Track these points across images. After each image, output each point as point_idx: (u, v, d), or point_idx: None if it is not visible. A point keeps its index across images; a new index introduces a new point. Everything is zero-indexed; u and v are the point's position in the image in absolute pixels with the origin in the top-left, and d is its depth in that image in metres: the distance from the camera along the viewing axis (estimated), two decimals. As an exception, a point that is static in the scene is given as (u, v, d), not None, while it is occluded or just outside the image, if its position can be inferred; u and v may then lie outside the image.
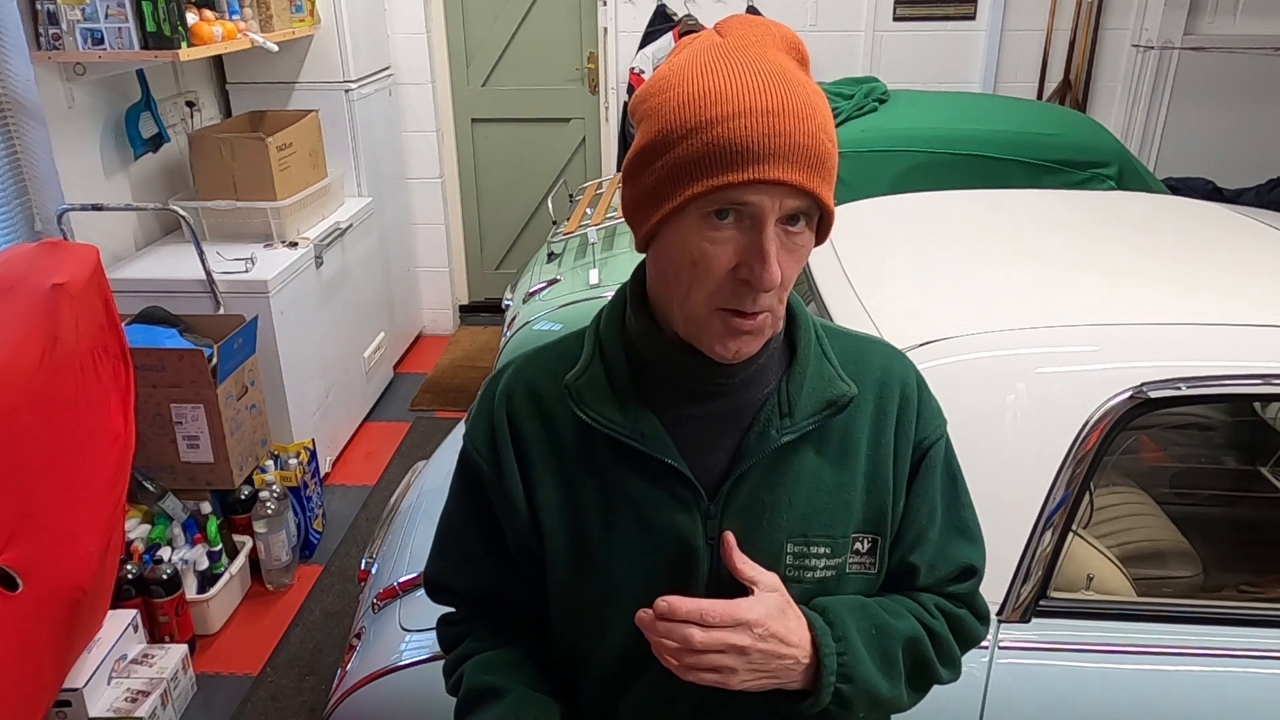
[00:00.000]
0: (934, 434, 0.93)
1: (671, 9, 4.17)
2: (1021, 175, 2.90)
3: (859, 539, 0.90)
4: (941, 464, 0.94)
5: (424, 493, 2.03)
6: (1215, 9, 4.02)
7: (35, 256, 2.13)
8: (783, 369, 0.88)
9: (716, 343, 0.80)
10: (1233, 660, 1.34)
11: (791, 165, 0.72)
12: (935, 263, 1.74)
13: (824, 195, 0.75)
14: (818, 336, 0.90)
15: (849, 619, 0.86)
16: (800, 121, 0.73)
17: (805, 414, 0.86)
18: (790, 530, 0.86)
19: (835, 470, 0.88)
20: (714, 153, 0.73)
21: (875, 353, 0.94)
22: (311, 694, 2.43)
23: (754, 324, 0.79)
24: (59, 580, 1.96)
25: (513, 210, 4.74)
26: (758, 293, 0.76)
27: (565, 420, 0.88)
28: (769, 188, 0.73)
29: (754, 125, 0.72)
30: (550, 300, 2.92)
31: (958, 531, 0.96)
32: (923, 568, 0.94)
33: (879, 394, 0.91)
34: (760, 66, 0.75)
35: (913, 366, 0.95)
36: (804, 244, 0.78)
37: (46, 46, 2.64)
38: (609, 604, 0.89)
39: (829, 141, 0.75)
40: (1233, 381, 1.34)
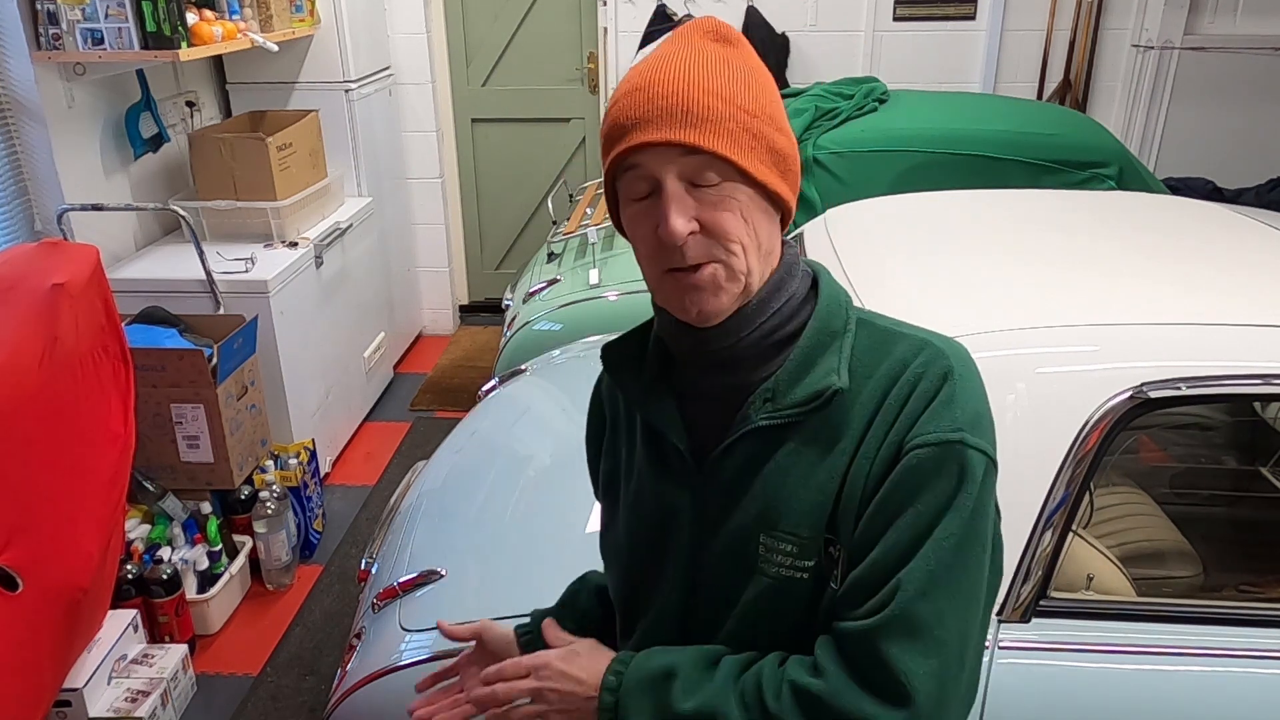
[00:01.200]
0: (924, 439, 0.79)
1: (671, 9, 4.16)
2: (1021, 175, 2.90)
3: (832, 544, 0.84)
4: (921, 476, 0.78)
5: (424, 493, 2.03)
6: (1215, 9, 4.02)
7: (35, 256, 2.13)
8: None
9: (676, 305, 0.85)
10: (1233, 660, 1.34)
11: (658, 126, 0.79)
12: (935, 263, 1.74)
13: (708, 144, 0.78)
14: (845, 328, 0.87)
15: (637, 687, 0.87)
16: (669, 87, 0.79)
17: (790, 402, 0.85)
18: (761, 520, 0.86)
19: (815, 467, 0.84)
20: (607, 135, 0.84)
21: (904, 347, 0.84)
22: (311, 694, 2.43)
23: (698, 279, 0.82)
24: (59, 580, 1.96)
25: (513, 210, 4.74)
26: (682, 248, 0.80)
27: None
28: (649, 151, 0.80)
29: (628, 102, 0.81)
30: (550, 300, 2.92)
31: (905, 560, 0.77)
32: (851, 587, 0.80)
33: (887, 389, 0.83)
34: (658, 54, 0.84)
35: (944, 364, 0.82)
36: (727, 195, 0.80)
37: (46, 46, 2.64)
38: (615, 558, 1.01)
39: (711, 98, 0.79)
40: (1233, 381, 1.34)
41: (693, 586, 0.92)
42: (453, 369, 4.34)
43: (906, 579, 0.77)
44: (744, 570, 0.87)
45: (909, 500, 0.79)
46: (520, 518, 1.81)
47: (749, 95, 0.81)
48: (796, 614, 0.86)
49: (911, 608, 0.77)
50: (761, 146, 0.81)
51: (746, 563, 0.87)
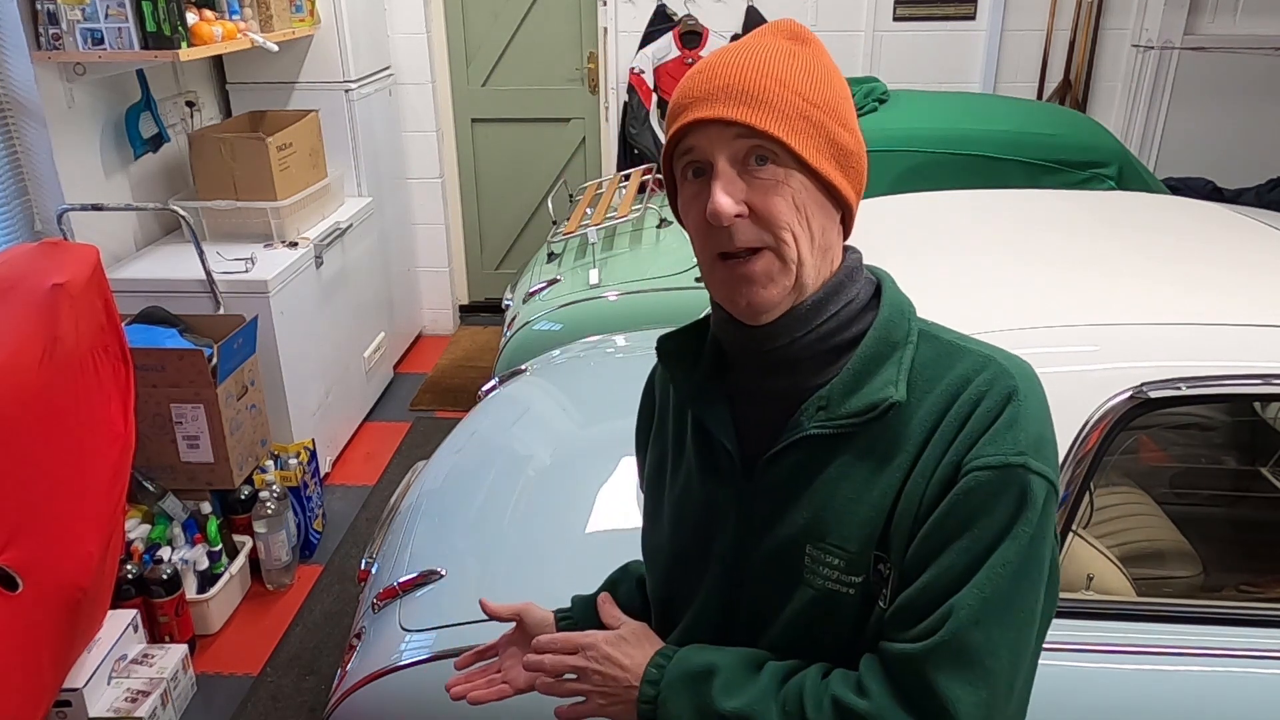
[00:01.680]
0: (984, 460, 0.76)
1: (671, 9, 4.17)
2: (1021, 175, 2.90)
3: (881, 561, 0.81)
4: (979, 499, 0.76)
5: (424, 493, 2.03)
6: (1215, 9, 4.02)
7: (35, 256, 2.13)
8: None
9: (727, 296, 0.83)
10: (1233, 660, 1.34)
11: (714, 103, 0.79)
12: (935, 263, 1.74)
13: (762, 125, 0.78)
14: (906, 340, 0.84)
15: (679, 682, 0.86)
16: (731, 68, 0.80)
17: (843, 412, 0.82)
18: (809, 530, 0.84)
19: (870, 480, 0.81)
20: (669, 118, 0.84)
21: (967, 363, 0.81)
22: (311, 694, 2.43)
23: (749, 269, 0.80)
24: (59, 580, 1.96)
25: (513, 210, 4.74)
26: (730, 229, 0.79)
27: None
28: (704, 129, 0.80)
29: (688, 82, 0.82)
30: (550, 300, 2.92)
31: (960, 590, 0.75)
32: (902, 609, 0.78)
33: (947, 406, 0.80)
34: (729, 46, 0.84)
35: (1009, 384, 0.79)
36: (779, 179, 0.79)
37: (46, 46, 2.64)
38: (657, 556, 1.00)
39: (774, 83, 0.79)
40: (1233, 381, 1.34)
41: (734, 592, 0.90)
42: (453, 369, 4.34)
43: (959, 605, 0.75)
44: (787, 580, 0.85)
45: (966, 524, 0.76)
46: (520, 518, 1.81)
47: (810, 85, 0.80)
48: (839, 628, 0.84)
49: (963, 635, 0.74)
50: (820, 136, 0.80)
51: (791, 572, 0.85)
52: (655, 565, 1.00)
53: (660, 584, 0.99)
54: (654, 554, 1.00)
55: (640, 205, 3.30)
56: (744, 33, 4.13)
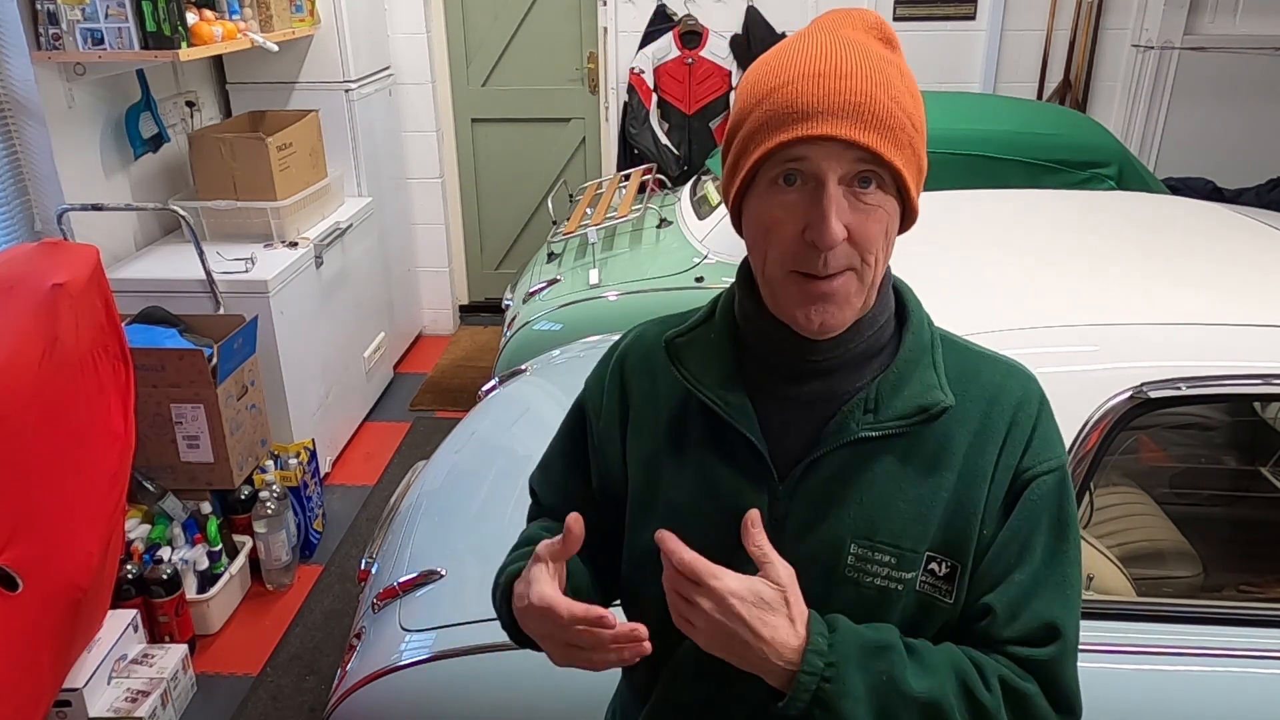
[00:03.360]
0: (1043, 466, 0.85)
1: (671, 9, 4.16)
2: (1021, 175, 2.91)
3: (936, 560, 0.84)
4: (1048, 502, 0.85)
5: (424, 493, 2.03)
6: (1215, 9, 4.02)
7: (35, 256, 2.13)
8: (883, 368, 0.87)
9: (798, 311, 0.81)
10: (1233, 660, 1.34)
11: (842, 121, 0.75)
12: (935, 263, 1.74)
13: (886, 153, 0.76)
14: (932, 343, 0.88)
15: (857, 653, 0.80)
16: (856, 81, 0.75)
17: (892, 415, 0.84)
18: (856, 529, 0.84)
19: (918, 481, 0.84)
20: (772, 117, 0.77)
21: (993, 370, 0.88)
22: (311, 694, 2.43)
23: (829, 288, 0.79)
24: (59, 580, 1.96)
25: (513, 210, 4.74)
26: (825, 253, 0.77)
27: (669, 381, 0.93)
28: (823, 144, 0.75)
29: (807, 86, 0.76)
30: (550, 300, 2.92)
31: (1052, 584, 0.85)
32: (999, 612, 0.84)
33: (986, 411, 0.85)
34: (825, 39, 0.79)
35: (1037, 390, 0.88)
36: (878, 204, 0.78)
37: (46, 46, 2.64)
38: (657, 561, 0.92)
39: (893, 104, 0.76)
40: (1233, 381, 1.34)
41: None
42: (453, 369, 4.34)
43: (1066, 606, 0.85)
44: (829, 578, 0.85)
45: (1040, 525, 0.85)
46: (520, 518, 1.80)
47: (914, 107, 0.79)
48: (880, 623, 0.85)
49: (1075, 633, 0.86)
50: (915, 162, 0.80)
51: (833, 570, 0.85)
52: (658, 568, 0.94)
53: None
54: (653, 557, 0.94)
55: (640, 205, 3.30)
56: (744, 34, 4.15)
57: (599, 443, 1.00)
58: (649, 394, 0.95)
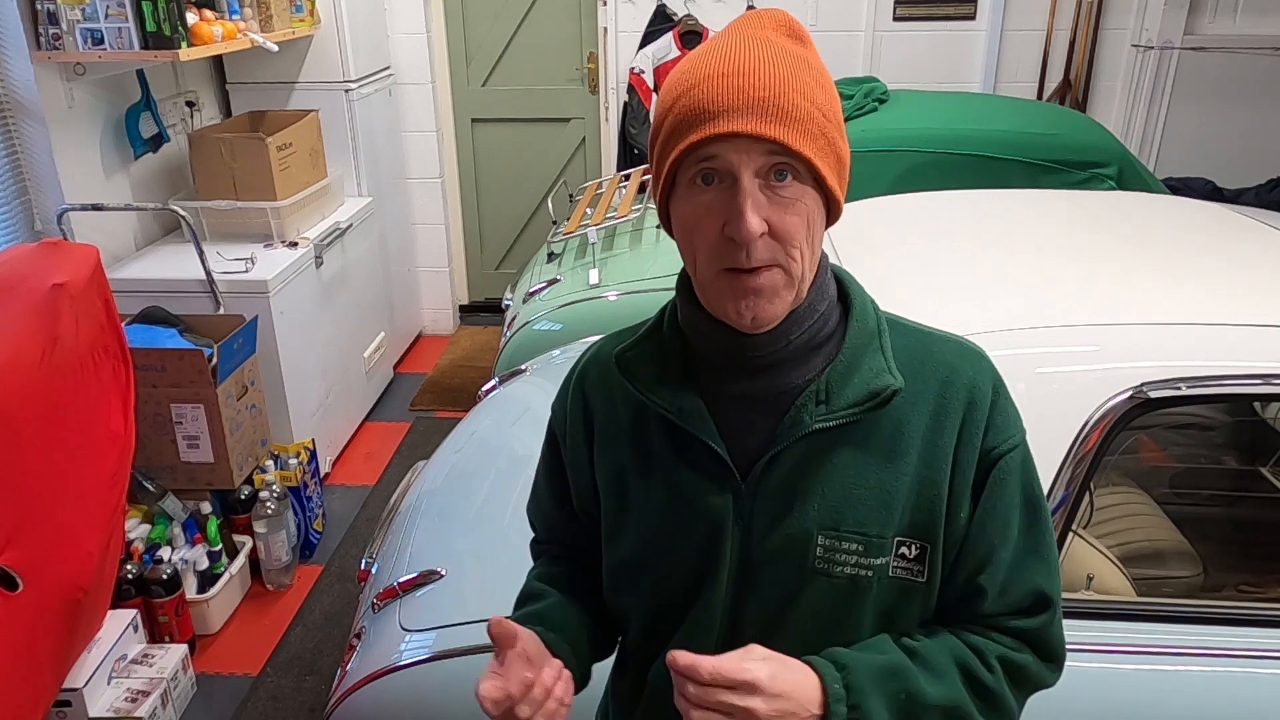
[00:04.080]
0: (1007, 444, 0.87)
1: (671, 9, 4.17)
2: (1021, 175, 2.90)
3: (905, 543, 0.86)
4: (1017, 478, 0.88)
5: (424, 493, 2.03)
6: (1215, 9, 4.02)
7: (35, 256, 2.13)
8: (831, 358, 0.88)
9: (729, 306, 0.82)
10: (1233, 660, 1.34)
11: (748, 117, 0.76)
12: (935, 263, 1.74)
13: (795, 144, 0.77)
14: (879, 329, 0.89)
15: (872, 683, 0.82)
16: (760, 78, 0.77)
17: (844, 403, 0.85)
18: (821, 521, 0.85)
19: (879, 467, 0.85)
20: (683, 120, 0.79)
21: (944, 350, 0.89)
22: (311, 694, 2.43)
23: (756, 283, 0.80)
24: (59, 580, 1.96)
25: (513, 210, 4.74)
26: (748, 247, 0.78)
27: (625, 395, 0.94)
28: (732, 141, 0.77)
29: (713, 87, 0.77)
30: (550, 300, 2.92)
31: (1033, 555, 0.89)
32: (991, 591, 0.88)
33: (940, 392, 0.86)
34: (734, 40, 0.81)
35: (989, 369, 0.89)
36: (796, 197, 0.79)
37: (46, 46, 2.64)
38: (642, 571, 0.95)
39: (799, 97, 0.77)
40: (1233, 381, 1.34)
41: (741, 592, 0.90)
42: (453, 369, 4.34)
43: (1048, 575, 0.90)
44: (800, 571, 0.86)
45: (1014, 501, 0.88)
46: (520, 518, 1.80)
47: (825, 98, 0.80)
48: (862, 613, 0.87)
49: (1058, 594, 0.91)
50: (832, 153, 0.81)
51: (803, 563, 0.86)
52: (636, 578, 0.96)
53: (647, 596, 0.95)
54: (628, 569, 0.96)
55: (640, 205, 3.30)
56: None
57: (570, 464, 1.01)
58: (609, 410, 0.96)
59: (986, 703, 0.87)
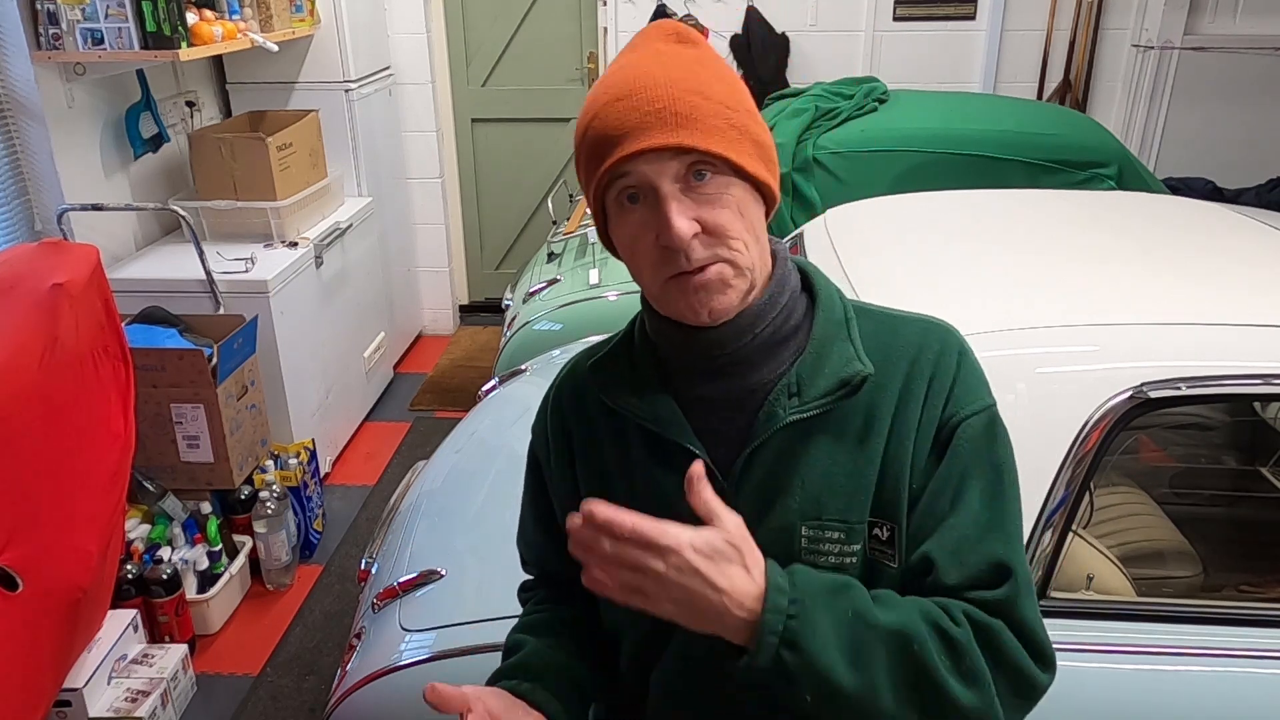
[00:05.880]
0: (967, 410, 0.86)
1: (671, 9, 4.17)
2: (1021, 175, 2.90)
3: (877, 525, 0.86)
4: (976, 444, 0.85)
5: (424, 493, 2.03)
6: (1215, 9, 4.02)
7: (35, 256, 2.13)
8: (800, 351, 0.89)
9: (684, 306, 0.84)
10: (1233, 660, 1.34)
11: (649, 132, 0.79)
12: (935, 263, 1.74)
13: (699, 143, 0.79)
14: (846, 318, 0.90)
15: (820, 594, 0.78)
16: (651, 91, 0.79)
17: (815, 394, 0.86)
18: (804, 513, 0.86)
19: (854, 454, 0.86)
20: (592, 149, 0.82)
21: (910, 330, 0.89)
22: (311, 694, 2.43)
23: (703, 279, 0.81)
24: (59, 580, 1.96)
25: (513, 210, 4.74)
26: (685, 251, 0.80)
27: (602, 407, 0.95)
28: (641, 158, 0.79)
29: (611, 112, 0.80)
30: (550, 300, 2.92)
31: (994, 525, 0.84)
32: (940, 560, 0.83)
33: (907, 371, 0.87)
34: (624, 62, 0.84)
35: (955, 340, 0.89)
36: (722, 190, 0.81)
37: (46, 46, 2.64)
38: None
39: (694, 96, 0.79)
40: (1233, 381, 1.34)
41: None
42: (453, 369, 4.34)
43: (1009, 544, 0.85)
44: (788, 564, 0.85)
45: (972, 468, 0.85)
46: (520, 518, 1.80)
47: (726, 90, 0.82)
48: None
49: (1022, 568, 0.84)
50: (746, 139, 0.82)
51: (789, 557, 0.86)
52: None
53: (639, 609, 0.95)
54: None
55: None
56: (744, 34, 4.15)
57: (554, 485, 1.02)
58: (588, 426, 0.97)
59: (951, 651, 0.79)
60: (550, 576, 1.10)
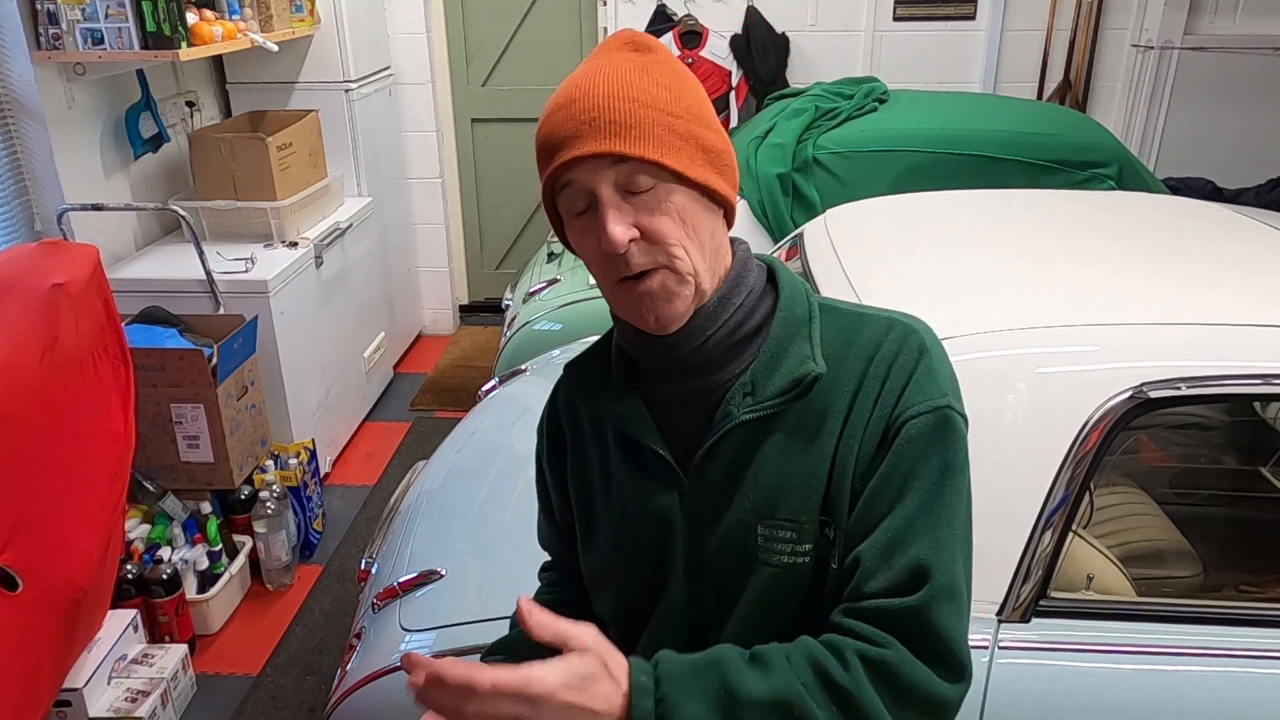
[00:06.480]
0: (916, 409, 0.82)
1: (671, 9, 4.17)
2: (1021, 175, 2.90)
3: (827, 525, 0.85)
4: (921, 443, 0.82)
5: (424, 493, 2.03)
6: (1215, 9, 4.02)
7: (35, 256, 2.13)
8: (759, 350, 0.89)
9: (634, 315, 0.86)
10: (1233, 660, 1.34)
11: (586, 140, 0.80)
12: (935, 263, 1.74)
13: (635, 151, 0.79)
14: (810, 316, 0.90)
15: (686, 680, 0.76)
16: (592, 100, 0.80)
17: (769, 394, 0.87)
18: (759, 511, 0.87)
19: (806, 453, 0.86)
20: (540, 155, 0.85)
21: (873, 329, 0.88)
22: (311, 694, 2.43)
23: (646, 287, 0.82)
24: (59, 580, 1.96)
25: (513, 210, 4.74)
26: (624, 257, 0.81)
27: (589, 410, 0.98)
28: (581, 164, 0.81)
29: (554, 119, 0.82)
30: (550, 300, 2.92)
31: (925, 527, 0.80)
32: (867, 561, 0.80)
33: (864, 371, 0.86)
34: (580, 70, 0.85)
35: (916, 340, 0.86)
36: (662, 198, 0.81)
37: (46, 46, 2.64)
38: (609, 575, 0.98)
39: (633, 105, 0.80)
40: (1233, 381, 1.34)
41: (695, 589, 0.92)
42: (453, 369, 4.34)
43: (939, 546, 0.80)
44: (745, 563, 0.88)
45: (915, 468, 0.82)
46: (520, 518, 1.80)
47: (669, 97, 0.82)
48: (799, 600, 0.87)
49: (949, 575, 0.80)
50: (691, 145, 0.83)
51: (747, 555, 0.88)
52: (605, 585, 1.00)
53: (617, 601, 0.99)
54: (600, 575, 1.00)
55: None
56: (744, 34, 4.15)
57: (551, 480, 1.05)
58: (577, 426, 1.01)
59: (839, 701, 0.76)
60: (557, 558, 1.15)
